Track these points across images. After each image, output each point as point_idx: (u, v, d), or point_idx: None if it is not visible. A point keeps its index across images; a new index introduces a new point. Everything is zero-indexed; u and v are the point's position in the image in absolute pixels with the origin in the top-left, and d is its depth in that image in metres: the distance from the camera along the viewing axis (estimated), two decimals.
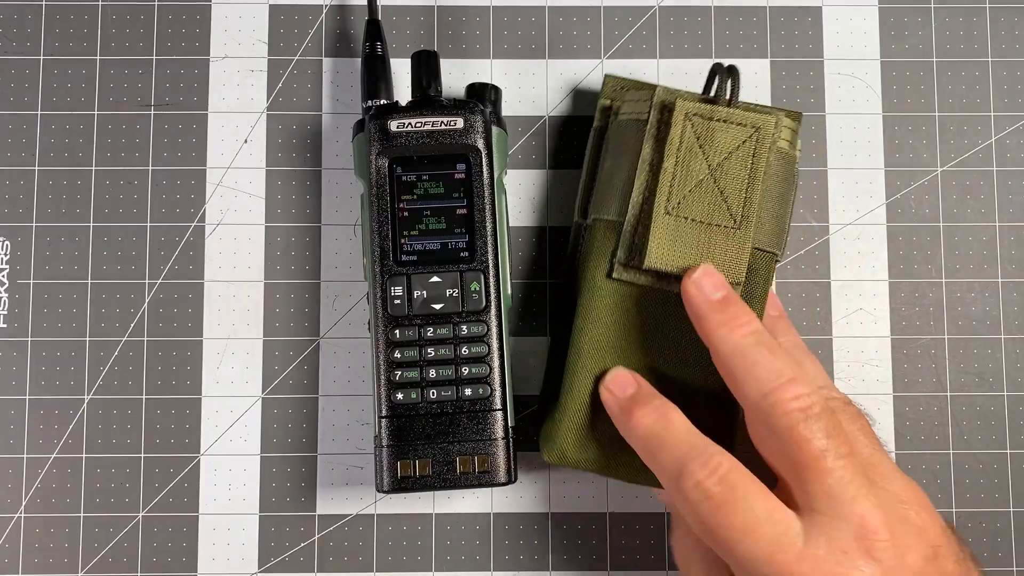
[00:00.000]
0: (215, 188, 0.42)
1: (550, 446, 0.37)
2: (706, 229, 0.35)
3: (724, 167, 0.35)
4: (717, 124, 0.35)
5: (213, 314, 0.41)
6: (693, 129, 0.35)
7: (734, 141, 0.35)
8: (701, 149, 0.35)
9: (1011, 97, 0.43)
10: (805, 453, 0.31)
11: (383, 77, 0.40)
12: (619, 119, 0.38)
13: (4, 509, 0.40)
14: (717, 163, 0.35)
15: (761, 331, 0.33)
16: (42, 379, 0.41)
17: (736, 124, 0.35)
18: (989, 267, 0.42)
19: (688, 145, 0.35)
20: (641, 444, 0.34)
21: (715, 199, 0.35)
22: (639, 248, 0.36)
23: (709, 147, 0.35)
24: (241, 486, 0.40)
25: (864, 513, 0.30)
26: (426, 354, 0.37)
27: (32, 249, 0.41)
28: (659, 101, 0.36)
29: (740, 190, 0.35)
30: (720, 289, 0.34)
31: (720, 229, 0.35)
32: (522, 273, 0.42)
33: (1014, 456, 0.41)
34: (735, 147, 0.35)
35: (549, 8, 0.43)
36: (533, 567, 0.40)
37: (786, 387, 0.32)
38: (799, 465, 0.31)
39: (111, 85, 0.42)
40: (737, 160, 0.35)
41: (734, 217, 0.35)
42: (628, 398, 0.35)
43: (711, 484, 0.31)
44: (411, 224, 0.37)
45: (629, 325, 0.36)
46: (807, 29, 0.43)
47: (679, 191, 0.35)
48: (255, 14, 0.43)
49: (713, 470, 0.31)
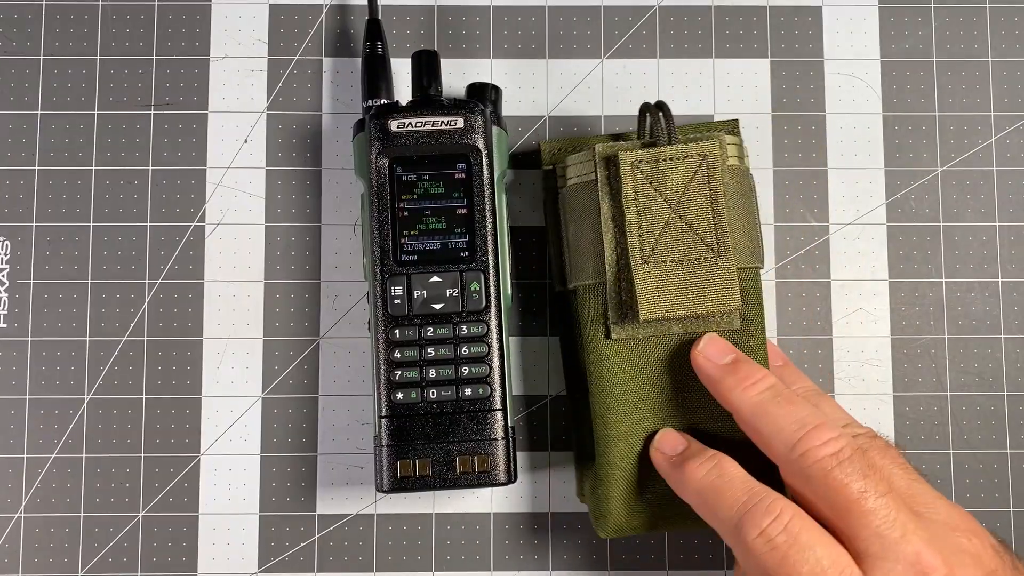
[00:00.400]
0: (215, 188, 0.42)
1: (603, 523, 0.37)
2: (688, 266, 0.35)
3: (685, 202, 0.35)
4: (665, 164, 0.35)
5: (213, 314, 0.41)
6: (643, 175, 0.35)
7: (686, 175, 0.35)
8: (657, 192, 0.35)
9: (1011, 97, 0.43)
10: (844, 498, 0.31)
11: (383, 77, 0.40)
12: (568, 184, 0.38)
13: (4, 509, 0.40)
14: (677, 200, 0.35)
15: (776, 385, 0.34)
16: (42, 379, 0.41)
17: (682, 158, 0.35)
18: (989, 267, 0.42)
19: (644, 192, 0.35)
20: (697, 497, 0.33)
21: (686, 235, 0.35)
22: (628, 304, 0.36)
23: (664, 188, 0.35)
24: (241, 486, 0.40)
25: (918, 550, 0.30)
26: (426, 354, 0.37)
27: (32, 249, 0.41)
28: (602, 157, 0.36)
29: (707, 219, 0.35)
30: (727, 353, 0.35)
31: (701, 262, 0.35)
32: (522, 273, 0.42)
33: (1014, 456, 0.41)
34: (688, 180, 0.35)
35: (549, 8, 0.43)
36: (533, 567, 0.40)
37: (812, 435, 0.32)
38: (842, 511, 0.31)
39: (111, 85, 0.42)
40: (695, 192, 0.35)
41: (710, 246, 0.35)
42: (679, 455, 0.35)
43: (775, 533, 0.31)
44: (411, 224, 0.37)
45: (642, 378, 0.36)
46: (807, 29, 0.43)
47: (649, 238, 0.35)
48: (255, 14, 0.43)
49: (776, 518, 0.31)
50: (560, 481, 0.41)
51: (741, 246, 0.36)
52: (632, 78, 0.42)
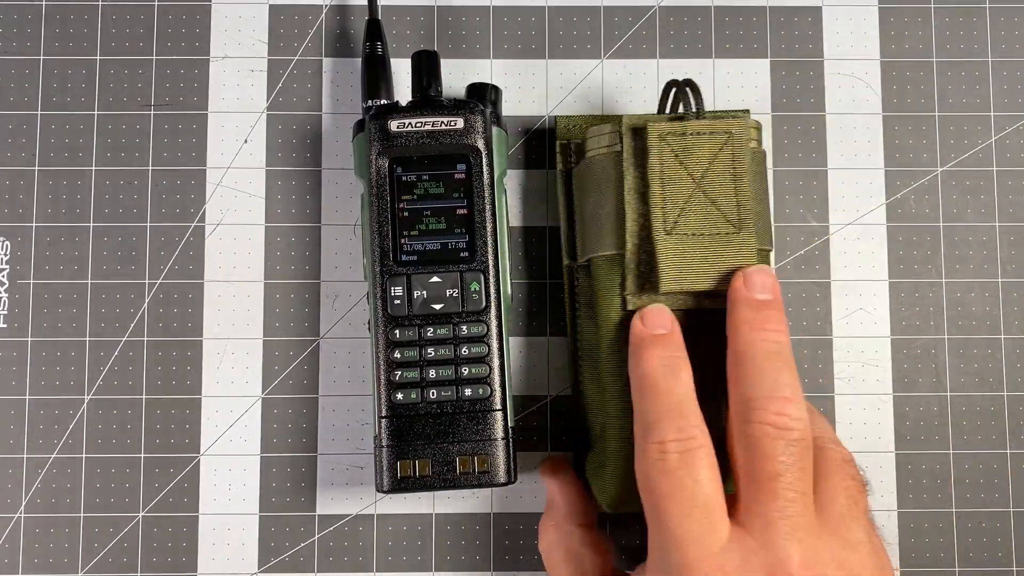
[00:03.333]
0: (215, 188, 0.42)
1: (604, 495, 0.36)
2: (709, 240, 0.35)
3: (709, 177, 0.35)
4: (692, 138, 0.35)
5: (213, 314, 0.41)
6: (671, 148, 0.35)
7: (712, 151, 0.35)
8: (683, 165, 0.35)
9: (1011, 97, 0.43)
10: (760, 469, 0.30)
11: (383, 77, 0.40)
12: (587, 155, 0.37)
13: (4, 509, 0.40)
14: (701, 175, 0.35)
15: (785, 348, 0.33)
16: (42, 379, 0.41)
17: (709, 134, 0.35)
18: (989, 267, 0.42)
19: (670, 165, 0.35)
20: (637, 383, 0.33)
21: (709, 210, 0.35)
22: (648, 275, 0.35)
23: (689, 161, 0.35)
24: (241, 486, 0.40)
25: (790, 555, 0.29)
26: (426, 354, 0.37)
27: (32, 249, 0.41)
28: (629, 128, 0.36)
29: (730, 195, 0.35)
30: (767, 292, 0.34)
31: (722, 237, 0.35)
32: (522, 273, 0.42)
33: (1014, 456, 0.41)
34: (714, 156, 0.35)
35: (549, 8, 0.43)
36: (533, 567, 0.40)
37: (777, 401, 0.31)
38: (753, 478, 0.30)
39: (111, 85, 0.42)
40: (719, 168, 0.35)
41: (731, 222, 0.35)
42: (653, 336, 0.34)
43: (673, 450, 0.31)
44: (411, 224, 0.37)
45: None
46: (807, 29, 0.43)
47: (673, 210, 0.35)
48: (255, 14, 0.43)
49: (684, 440, 0.31)
50: None
51: (758, 226, 0.36)
52: (632, 78, 0.42)
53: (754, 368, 0.32)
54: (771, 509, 0.30)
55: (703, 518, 0.30)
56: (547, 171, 0.42)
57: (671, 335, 0.34)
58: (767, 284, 0.34)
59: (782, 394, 0.31)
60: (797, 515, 0.30)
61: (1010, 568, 0.40)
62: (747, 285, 0.34)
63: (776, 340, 0.33)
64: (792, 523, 0.30)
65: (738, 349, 0.33)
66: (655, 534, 0.31)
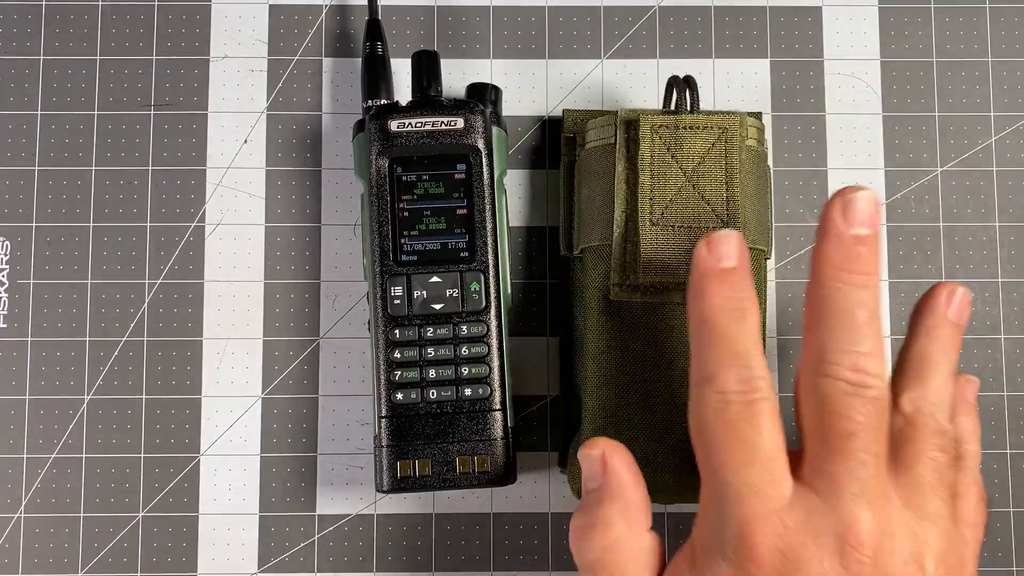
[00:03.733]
0: (215, 188, 0.42)
1: (576, 481, 0.36)
2: (696, 233, 0.35)
3: (699, 171, 0.35)
4: (684, 132, 0.36)
5: (213, 314, 0.41)
6: (662, 141, 0.36)
7: (704, 145, 0.35)
8: (673, 159, 0.35)
9: (1011, 97, 0.43)
10: (831, 427, 0.28)
11: (383, 77, 0.40)
12: (586, 147, 0.38)
13: (4, 509, 0.40)
14: (692, 169, 0.35)
15: (874, 294, 0.29)
16: (42, 379, 0.41)
17: (702, 128, 0.36)
18: (989, 267, 0.42)
19: (660, 157, 0.35)
20: (696, 324, 0.30)
21: (697, 203, 0.35)
22: (632, 266, 0.35)
23: (681, 155, 0.35)
24: (241, 486, 0.40)
25: (858, 518, 0.27)
26: (426, 354, 0.37)
27: (32, 249, 0.41)
28: (623, 120, 0.36)
29: (720, 190, 0.35)
30: (865, 226, 0.29)
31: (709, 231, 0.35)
32: (522, 273, 0.42)
33: (1014, 456, 0.41)
34: (706, 151, 0.35)
35: (549, 8, 0.43)
36: (533, 567, 0.40)
37: (854, 355, 0.28)
38: (824, 436, 0.28)
39: (111, 85, 0.42)
40: (711, 162, 0.35)
41: (719, 217, 0.35)
42: (719, 270, 0.30)
43: (737, 399, 0.28)
44: (411, 224, 0.37)
45: (635, 345, 0.36)
46: (807, 29, 0.43)
47: (660, 202, 0.35)
48: (255, 14, 0.43)
49: (749, 390, 0.28)
50: (560, 481, 0.41)
51: (750, 225, 0.36)
52: (632, 78, 0.42)
53: (833, 316, 0.29)
54: (841, 470, 0.28)
55: (765, 471, 0.28)
56: (547, 171, 0.42)
57: (739, 270, 0.30)
58: (867, 217, 0.29)
59: (861, 348, 0.28)
60: (869, 478, 0.28)
61: (1010, 568, 0.40)
62: (845, 216, 0.29)
63: (863, 285, 0.29)
64: (863, 486, 0.28)
65: (818, 293, 0.30)
66: (710, 488, 0.29)
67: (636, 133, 0.36)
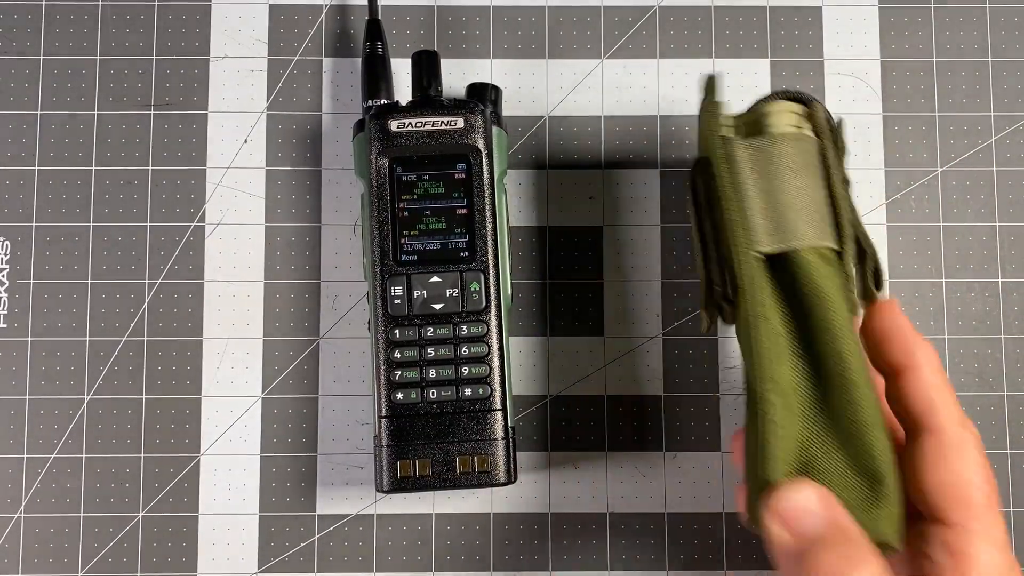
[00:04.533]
0: (215, 188, 0.42)
1: (770, 464, 0.29)
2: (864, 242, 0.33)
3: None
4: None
5: (213, 314, 0.41)
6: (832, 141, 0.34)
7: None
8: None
9: (1011, 97, 0.43)
10: (965, 478, 0.29)
11: (383, 77, 0.40)
12: (772, 132, 0.33)
13: (4, 509, 0.40)
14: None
15: None
16: (42, 379, 0.41)
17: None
18: (989, 267, 0.42)
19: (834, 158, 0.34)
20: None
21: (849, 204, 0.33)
22: (872, 276, 0.33)
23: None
24: (241, 486, 0.40)
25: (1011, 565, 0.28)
26: (426, 354, 0.37)
27: (32, 249, 0.41)
28: (807, 113, 0.34)
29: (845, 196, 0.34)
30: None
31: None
32: (522, 273, 0.42)
33: (1014, 456, 0.41)
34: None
35: (549, 8, 0.43)
36: (533, 567, 0.40)
37: None
38: (955, 489, 0.29)
39: (111, 85, 0.42)
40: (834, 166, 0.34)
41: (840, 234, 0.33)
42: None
43: None
44: (411, 224, 0.37)
45: None
46: (807, 29, 0.43)
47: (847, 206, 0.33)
48: (255, 14, 0.43)
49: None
50: (560, 481, 0.41)
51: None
52: (632, 78, 0.42)
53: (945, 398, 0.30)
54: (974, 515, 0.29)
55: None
56: (547, 171, 0.42)
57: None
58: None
59: None
60: (996, 530, 0.29)
61: None
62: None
63: None
64: (998, 536, 0.29)
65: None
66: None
67: (834, 129, 0.34)
